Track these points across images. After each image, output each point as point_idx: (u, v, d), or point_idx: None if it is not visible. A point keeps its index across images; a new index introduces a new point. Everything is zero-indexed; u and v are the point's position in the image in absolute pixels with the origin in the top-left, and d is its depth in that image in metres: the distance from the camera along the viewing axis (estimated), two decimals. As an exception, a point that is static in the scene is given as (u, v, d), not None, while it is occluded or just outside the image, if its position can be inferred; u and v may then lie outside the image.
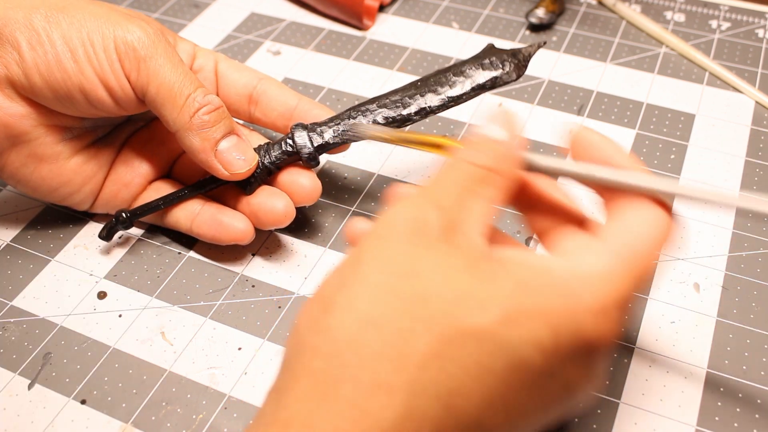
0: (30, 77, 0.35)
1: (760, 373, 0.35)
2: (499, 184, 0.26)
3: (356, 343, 0.22)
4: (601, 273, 0.24)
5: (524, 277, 0.24)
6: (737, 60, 0.52)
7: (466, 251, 0.24)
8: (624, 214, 0.26)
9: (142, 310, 0.38)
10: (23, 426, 0.33)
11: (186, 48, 0.40)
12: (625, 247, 0.25)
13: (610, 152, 0.27)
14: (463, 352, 0.22)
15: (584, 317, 0.23)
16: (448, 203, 0.25)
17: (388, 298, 0.23)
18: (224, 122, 0.37)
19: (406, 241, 0.24)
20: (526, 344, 0.23)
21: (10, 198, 0.44)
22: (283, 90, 0.41)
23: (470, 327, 0.22)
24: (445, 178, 0.26)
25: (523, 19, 0.57)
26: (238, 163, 0.37)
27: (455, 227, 0.25)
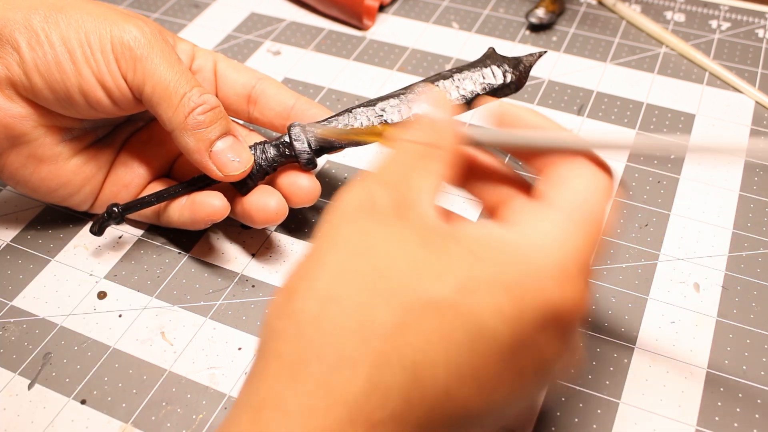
0: (30, 78, 0.35)
1: (760, 373, 0.35)
2: (443, 159, 0.27)
3: (318, 321, 0.23)
4: (555, 237, 0.24)
5: (478, 248, 0.24)
6: (737, 60, 0.52)
7: (418, 225, 0.24)
8: (564, 176, 0.26)
9: (142, 310, 0.38)
10: (23, 426, 0.33)
11: (185, 48, 0.40)
12: (573, 209, 0.25)
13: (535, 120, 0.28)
14: (423, 323, 0.22)
15: (544, 283, 0.23)
16: (394, 180, 0.26)
17: (345, 276, 0.23)
18: (220, 122, 0.36)
19: (357, 220, 0.25)
20: (487, 313, 0.23)
21: (10, 198, 0.44)
22: (281, 90, 0.41)
23: (428, 297, 0.23)
24: (390, 160, 0.27)
25: (523, 19, 0.57)
26: (233, 165, 0.36)
27: (405, 203, 0.25)
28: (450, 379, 0.22)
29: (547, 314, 0.23)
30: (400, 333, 0.22)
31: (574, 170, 0.26)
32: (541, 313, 0.23)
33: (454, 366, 0.22)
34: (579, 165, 0.26)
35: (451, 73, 0.39)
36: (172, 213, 0.39)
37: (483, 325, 0.23)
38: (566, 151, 0.27)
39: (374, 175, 0.26)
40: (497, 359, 0.23)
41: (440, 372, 0.22)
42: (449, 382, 0.22)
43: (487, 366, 0.23)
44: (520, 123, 0.28)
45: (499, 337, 0.23)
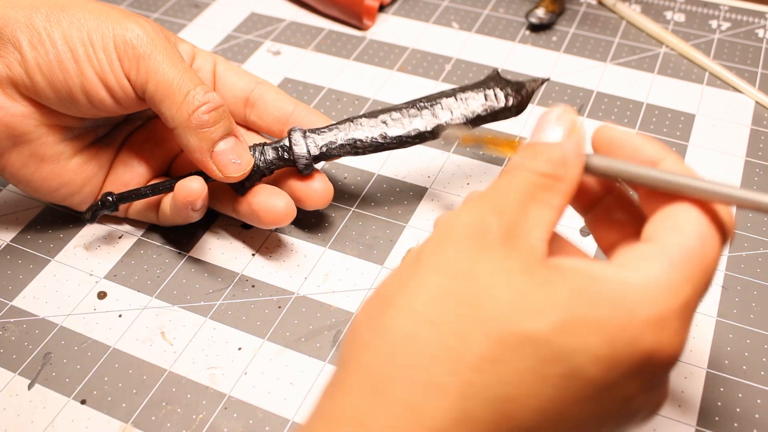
0: (32, 77, 0.35)
1: (760, 373, 0.35)
2: (564, 192, 0.25)
3: (411, 342, 0.22)
4: (658, 282, 0.23)
5: (580, 286, 0.23)
6: (737, 60, 0.52)
7: (524, 256, 0.24)
8: (675, 220, 0.25)
9: (142, 310, 0.38)
10: (23, 426, 0.33)
11: (185, 49, 0.40)
12: (681, 254, 0.24)
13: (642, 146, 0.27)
14: (518, 358, 0.22)
15: (641, 328, 0.22)
16: (508, 209, 0.25)
17: (444, 299, 0.23)
18: (223, 122, 0.36)
19: (464, 244, 0.24)
20: (582, 354, 0.22)
21: (10, 198, 0.44)
22: (280, 95, 0.41)
23: (526, 332, 0.22)
24: (506, 184, 0.25)
25: (523, 19, 0.57)
26: (234, 167, 0.36)
27: (515, 233, 0.24)
28: (536, 415, 0.22)
29: (640, 361, 0.23)
30: (493, 365, 0.22)
31: (687, 214, 0.25)
32: (634, 359, 0.23)
33: (542, 405, 0.22)
34: (692, 210, 0.25)
35: (454, 92, 0.39)
36: (165, 207, 0.39)
37: (576, 365, 0.22)
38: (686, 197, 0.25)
39: (489, 199, 0.25)
40: (583, 399, 0.22)
41: (529, 410, 0.22)
42: (535, 418, 0.22)
43: (575, 408, 0.22)
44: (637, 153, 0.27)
45: (590, 379, 0.22)
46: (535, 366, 0.22)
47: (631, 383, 0.23)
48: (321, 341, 0.36)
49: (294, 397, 0.34)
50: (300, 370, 0.35)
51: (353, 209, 0.43)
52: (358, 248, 0.40)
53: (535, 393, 0.22)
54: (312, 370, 0.35)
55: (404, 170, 0.45)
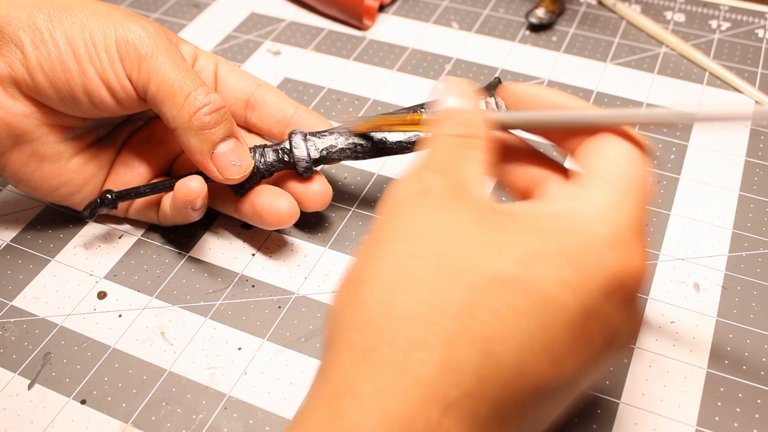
0: (34, 77, 0.35)
1: (760, 373, 0.34)
2: (481, 146, 0.27)
3: (387, 308, 0.23)
4: (606, 206, 0.25)
5: (534, 223, 0.24)
6: (737, 60, 0.52)
7: (473, 206, 0.25)
8: (598, 149, 0.27)
9: (142, 310, 0.38)
10: (23, 426, 0.33)
11: (187, 50, 0.40)
12: (616, 177, 0.26)
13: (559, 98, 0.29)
14: (491, 298, 0.23)
15: (603, 248, 0.24)
16: (444, 167, 0.26)
17: (409, 261, 0.24)
18: (225, 124, 0.36)
19: (414, 206, 0.25)
20: (551, 283, 0.23)
21: (10, 198, 0.44)
22: (280, 97, 0.41)
23: (492, 273, 0.23)
24: (433, 150, 0.27)
25: (523, 19, 0.57)
26: (234, 169, 0.36)
27: (457, 186, 0.26)
28: (521, 352, 0.22)
29: (610, 281, 0.24)
30: (469, 311, 0.22)
31: (607, 143, 0.27)
32: (605, 280, 0.23)
33: (525, 339, 0.22)
34: (610, 138, 0.27)
35: None
36: (165, 206, 0.39)
37: (548, 296, 0.23)
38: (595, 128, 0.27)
39: (423, 163, 0.27)
40: (566, 329, 0.23)
41: (511, 346, 0.22)
42: (521, 355, 0.22)
43: (557, 337, 0.23)
44: (545, 103, 0.29)
45: (565, 306, 0.23)
46: (508, 302, 0.23)
47: (608, 305, 0.24)
48: (321, 341, 0.36)
49: (294, 397, 0.34)
50: (300, 370, 0.35)
51: (353, 209, 0.43)
52: (358, 248, 0.40)
53: (514, 328, 0.22)
54: (312, 370, 0.35)
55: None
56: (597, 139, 0.27)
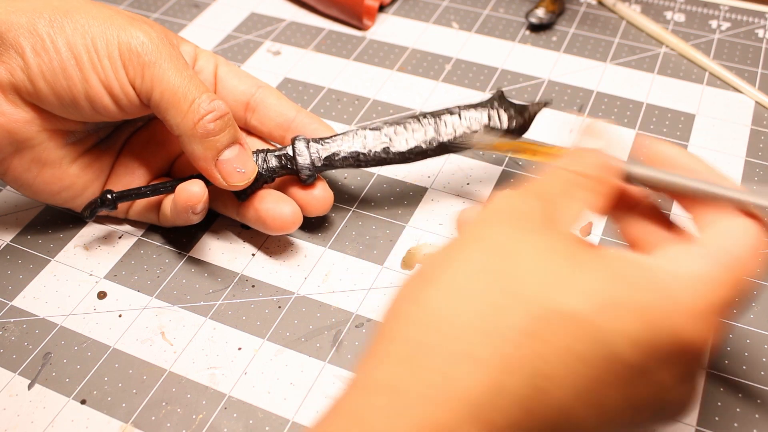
0: (35, 83, 0.35)
1: (760, 373, 0.35)
2: (592, 189, 0.27)
3: (450, 314, 0.23)
4: (701, 276, 0.24)
5: (623, 270, 0.24)
6: (737, 60, 0.52)
7: (566, 238, 0.25)
8: (718, 223, 0.26)
9: (142, 310, 0.38)
10: (23, 426, 0.33)
11: (188, 50, 0.40)
12: (723, 252, 0.25)
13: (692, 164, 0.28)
14: (556, 335, 0.22)
15: (682, 318, 0.23)
16: (551, 197, 0.26)
17: (486, 275, 0.23)
18: (229, 131, 0.36)
19: (508, 224, 0.25)
20: (621, 337, 0.22)
21: (10, 198, 0.44)
22: (281, 100, 0.41)
23: (566, 310, 0.22)
24: (548, 179, 0.27)
25: (523, 19, 0.57)
26: (238, 176, 0.37)
27: (556, 219, 0.25)
28: (571, 395, 0.22)
29: (675, 347, 0.23)
30: (531, 341, 0.22)
31: (728, 219, 0.26)
32: (669, 344, 0.23)
33: (579, 386, 0.22)
34: (732, 215, 0.26)
35: (459, 110, 0.39)
36: (166, 208, 0.39)
37: (612, 345, 0.22)
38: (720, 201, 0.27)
39: (534, 188, 0.27)
40: (619, 383, 0.23)
41: (565, 389, 0.22)
42: (570, 398, 0.22)
43: (609, 388, 0.22)
44: (677, 165, 0.28)
45: (625, 360, 0.22)
46: (573, 345, 0.22)
47: (666, 372, 0.23)
48: (321, 341, 0.36)
49: (294, 397, 0.34)
50: (300, 370, 0.35)
51: (353, 209, 0.43)
52: (358, 248, 0.40)
53: (572, 372, 0.22)
54: (312, 370, 0.35)
55: (404, 170, 0.45)
56: (721, 213, 0.26)
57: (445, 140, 0.39)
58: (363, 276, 0.39)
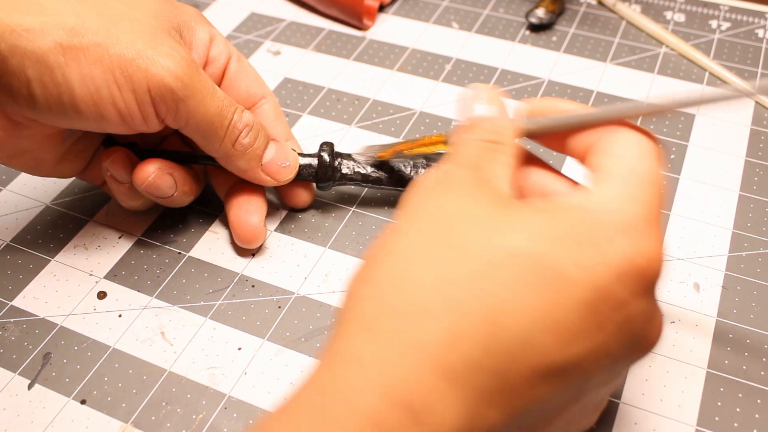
0: (40, 115, 0.32)
1: (760, 373, 0.35)
2: (509, 152, 0.28)
3: (398, 280, 0.23)
4: (616, 196, 0.25)
5: (549, 210, 0.25)
6: (737, 60, 0.52)
7: (492, 193, 0.25)
8: (609, 149, 0.27)
9: (142, 310, 0.38)
10: (23, 426, 0.33)
11: (202, 38, 0.38)
12: (628, 170, 0.26)
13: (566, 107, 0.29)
14: (501, 271, 0.23)
15: (613, 235, 0.24)
16: (469, 163, 0.27)
17: (425, 238, 0.24)
18: (261, 134, 0.37)
19: (433, 191, 0.26)
20: (567, 262, 0.23)
21: (10, 198, 0.44)
22: (279, 121, 0.41)
23: (506, 248, 0.23)
24: (460, 150, 0.28)
25: (523, 19, 0.57)
26: (284, 171, 0.38)
27: (481, 178, 0.26)
28: (528, 325, 0.22)
29: (623, 265, 0.23)
30: (477, 282, 0.23)
31: (617, 141, 0.27)
32: (616, 263, 0.23)
33: (532, 312, 0.22)
34: (620, 135, 0.27)
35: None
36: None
37: (560, 271, 0.23)
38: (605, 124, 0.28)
39: (448, 159, 0.27)
40: (575, 306, 0.23)
41: (518, 318, 0.22)
42: (527, 329, 0.22)
43: (565, 313, 0.23)
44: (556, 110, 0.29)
45: (575, 283, 0.23)
46: (520, 275, 0.23)
47: (620, 286, 0.23)
48: (321, 341, 0.36)
49: (294, 397, 0.34)
50: (300, 370, 0.35)
51: (353, 209, 0.43)
52: (358, 248, 0.40)
53: (523, 301, 0.22)
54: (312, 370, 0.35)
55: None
56: (606, 138, 0.27)
57: None
58: (363, 276, 0.39)
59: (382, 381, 0.21)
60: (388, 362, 0.22)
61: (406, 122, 0.48)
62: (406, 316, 0.22)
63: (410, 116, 0.48)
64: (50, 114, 0.32)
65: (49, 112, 0.32)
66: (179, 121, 0.34)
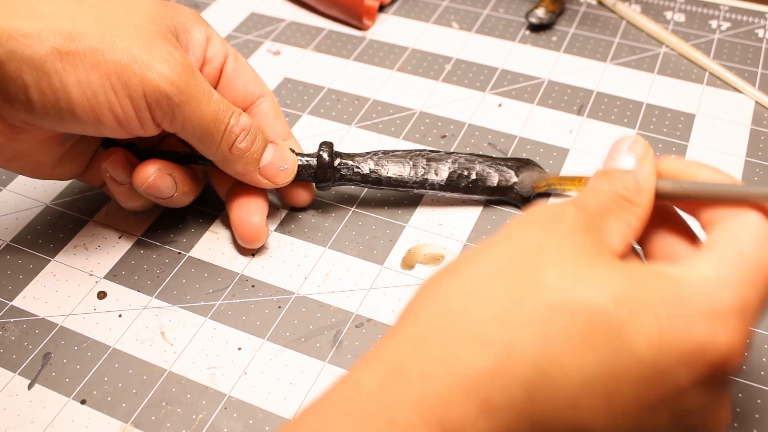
0: (37, 120, 0.32)
1: (760, 373, 0.34)
2: (637, 213, 0.26)
3: (465, 300, 0.23)
4: (712, 278, 0.23)
5: (640, 274, 0.23)
6: (737, 60, 0.52)
7: (595, 243, 0.24)
8: (730, 226, 0.25)
9: (142, 310, 0.38)
10: (23, 426, 0.33)
11: (198, 39, 0.38)
12: (735, 254, 0.24)
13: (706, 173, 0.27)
14: (568, 323, 0.22)
15: (694, 318, 0.22)
16: (589, 208, 0.26)
17: (508, 268, 0.24)
18: (259, 138, 0.37)
19: (539, 226, 0.25)
20: (635, 331, 0.22)
21: (10, 198, 0.44)
22: (278, 120, 0.41)
23: (581, 300, 0.22)
24: (586, 195, 0.26)
25: (523, 19, 0.57)
26: (282, 174, 0.38)
27: (594, 227, 0.25)
28: (580, 387, 0.22)
29: (694, 353, 0.22)
30: (541, 328, 0.22)
31: (741, 221, 0.25)
32: (687, 349, 0.22)
33: (588, 375, 0.22)
34: (746, 215, 0.25)
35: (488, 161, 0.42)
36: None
37: (625, 337, 0.22)
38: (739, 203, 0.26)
39: (571, 200, 0.26)
40: (632, 381, 0.22)
41: (572, 377, 0.22)
42: (578, 390, 0.22)
43: (621, 384, 0.22)
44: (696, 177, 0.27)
45: (638, 354, 0.22)
46: (585, 333, 0.22)
47: (684, 374, 0.22)
48: (321, 341, 0.36)
49: (294, 397, 0.34)
50: (300, 370, 0.35)
51: (353, 209, 0.43)
52: (358, 248, 0.40)
53: (581, 360, 0.22)
54: (312, 370, 0.35)
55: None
56: (733, 215, 0.25)
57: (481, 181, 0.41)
58: (363, 276, 0.39)
59: (422, 398, 0.21)
60: (431, 380, 0.22)
61: (406, 122, 0.48)
62: (461, 338, 0.22)
63: (410, 116, 0.48)
64: (48, 119, 0.32)
65: (46, 117, 0.32)
66: (175, 125, 0.34)
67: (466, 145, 0.46)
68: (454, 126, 0.48)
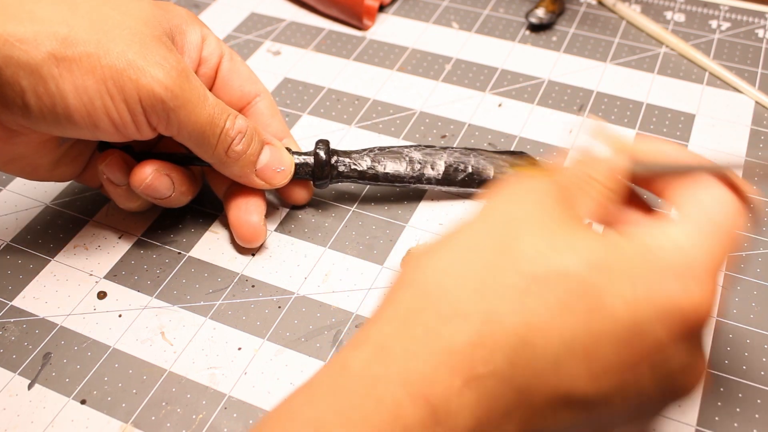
0: (34, 124, 0.32)
1: (760, 373, 0.35)
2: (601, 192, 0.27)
3: (444, 276, 0.23)
4: (683, 241, 0.24)
5: (612, 239, 0.24)
6: (737, 60, 0.52)
7: (566, 212, 0.25)
8: (694, 195, 0.26)
9: (142, 310, 0.38)
10: (23, 426, 0.33)
11: (194, 41, 0.38)
12: (701, 219, 0.25)
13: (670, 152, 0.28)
14: (546, 290, 0.23)
15: (667, 277, 0.23)
16: (563, 183, 0.26)
17: (484, 240, 0.24)
18: (255, 140, 0.37)
19: (513, 198, 0.26)
20: (612, 294, 0.23)
21: (10, 198, 0.44)
22: (275, 119, 0.41)
23: (558, 269, 0.23)
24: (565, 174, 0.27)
25: (523, 19, 0.57)
26: (279, 176, 0.38)
27: (564, 199, 0.26)
28: (561, 350, 0.22)
29: (668, 309, 0.23)
30: (520, 295, 0.23)
31: (704, 189, 0.26)
32: (662, 305, 0.23)
33: (568, 338, 0.22)
34: (708, 184, 0.26)
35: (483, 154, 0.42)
36: None
37: (604, 304, 0.23)
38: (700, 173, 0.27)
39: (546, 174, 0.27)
40: (611, 341, 0.23)
41: (552, 341, 0.22)
42: (559, 353, 0.22)
43: (601, 346, 0.23)
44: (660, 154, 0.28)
45: (615, 316, 0.23)
46: (562, 297, 0.22)
47: (661, 329, 0.23)
48: (321, 341, 0.36)
49: (294, 397, 0.34)
50: (300, 370, 0.35)
51: (353, 209, 0.43)
52: (358, 248, 0.40)
53: (560, 323, 0.22)
54: (312, 370, 0.35)
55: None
56: (695, 184, 0.27)
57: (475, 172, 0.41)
58: (363, 276, 0.39)
59: (406, 376, 0.22)
60: (415, 357, 0.22)
61: (406, 122, 0.48)
62: (442, 314, 0.23)
63: (410, 116, 0.48)
64: (44, 123, 0.32)
65: (43, 121, 0.32)
66: (171, 129, 0.34)
67: (466, 145, 0.46)
68: (454, 126, 0.48)
